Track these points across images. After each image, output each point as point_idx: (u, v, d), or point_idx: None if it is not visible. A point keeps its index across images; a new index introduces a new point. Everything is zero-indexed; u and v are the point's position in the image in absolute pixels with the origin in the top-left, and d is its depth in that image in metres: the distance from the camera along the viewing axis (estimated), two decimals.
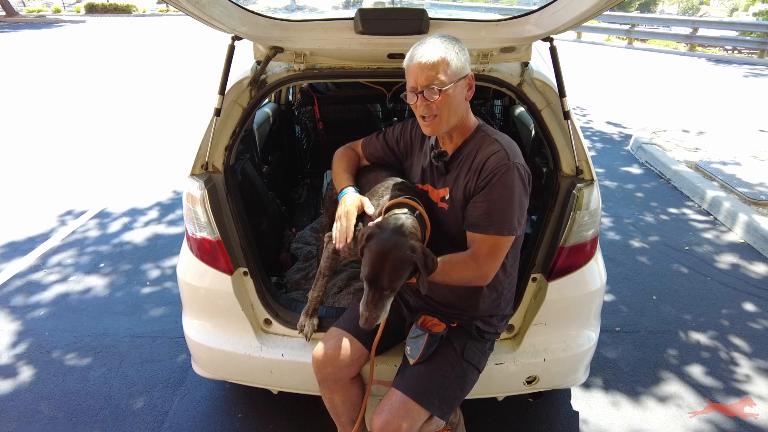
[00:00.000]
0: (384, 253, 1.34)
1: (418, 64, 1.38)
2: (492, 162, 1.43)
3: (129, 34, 17.60)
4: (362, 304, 1.38)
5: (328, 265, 1.81)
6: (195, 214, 1.81)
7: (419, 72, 1.38)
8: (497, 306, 1.66)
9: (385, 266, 1.34)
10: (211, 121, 1.86)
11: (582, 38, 17.82)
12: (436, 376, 1.55)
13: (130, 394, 2.35)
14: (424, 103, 1.40)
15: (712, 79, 11.10)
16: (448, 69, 1.38)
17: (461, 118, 1.49)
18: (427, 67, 1.37)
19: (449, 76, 1.38)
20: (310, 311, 1.89)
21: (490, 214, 1.42)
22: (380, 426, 1.47)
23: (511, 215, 1.42)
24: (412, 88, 1.42)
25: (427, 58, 1.37)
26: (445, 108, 1.41)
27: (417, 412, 1.49)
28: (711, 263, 3.54)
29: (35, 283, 3.23)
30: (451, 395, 1.55)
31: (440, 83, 1.37)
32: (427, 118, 1.43)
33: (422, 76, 1.38)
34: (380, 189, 1.64)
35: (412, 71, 1.40)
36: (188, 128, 6.61)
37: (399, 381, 1.57)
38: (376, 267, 1.35)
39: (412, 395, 1.50)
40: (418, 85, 1.40)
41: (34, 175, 5.09)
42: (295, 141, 3.78)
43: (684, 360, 2.60)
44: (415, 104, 1.43)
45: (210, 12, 1.44)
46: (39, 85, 9.30)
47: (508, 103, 3.72)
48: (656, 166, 5.38)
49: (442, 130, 1.46)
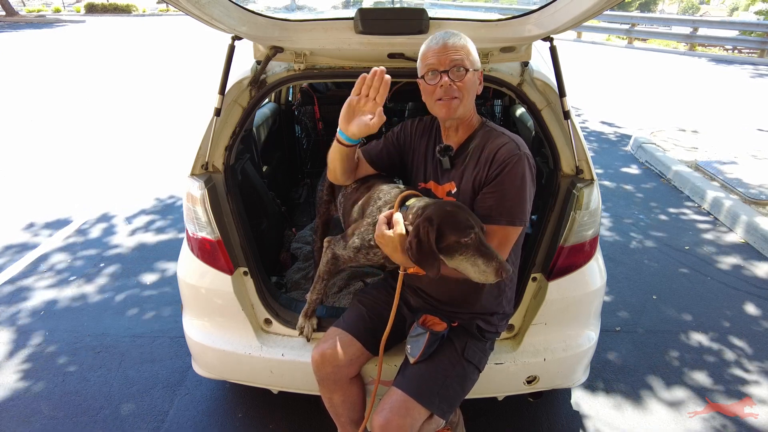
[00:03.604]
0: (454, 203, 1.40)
1: (444, 45, 1.43)
2: (503, 153, 1.45)
3: (129, 34, 17.60)
4: (485, 258, 1.29)
5: (327, 269, 1.77)
6: (195, 214, 1.81)
7: (445, 52, 1.42)
8: (498, 303, 1.67)
9: (464, 208, 1.38)
10: (211, 121, 1.86)
11: (582, 38, 17.82)
12: (437, 375, 1.55)
13: (130, 394, 2.35)
14: (447, 83, 1.43)
15: (712, 79, 11.09)
16: (470, 56, 1.45)
17: (471, 109, 1.54)
18: (454, 49, 1.43)
19: (471, 62, 1.45)
20: (308, 313, 1.89)
21: (502, 205, 1.44)
22: (380, 425, 1.47)
23: (523, 206, 1.45)
24: (433, 68, 1.44)
25: (454, 41, 1.43)
26: (465, 92, 1.45)
27: (417, 410, 1.49)
28: (711, 263, 3.54)
29: (35, 283, 3.23)
30: (451, 394, 1.55)
31: (465, 66, 1.43)
32: (444, 99, 1.45)
33: (448, 57, 1.42)
34: (375, 194, 1.64)
35: (436, 52, 1.44)
36: (188, 128, 6.61)
37: (399, 380, 1.57)
38: (464, 211, 1.35)
39: (413, 394, 1.50)
40: (442, 65, 1.43)
41: (35, 175, 5.09)
42: (295, 141, 3.78)
43: (684, 360, 2.60)
44: (436, 84, 1.45)
45: (210, 12, 1.44)
46: (39, 85, 9.31)
47: (508, 103, 3.72)
48: (656, 165, 5.38)
49: (458, 112, 1.48)
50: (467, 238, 1.28)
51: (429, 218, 1.32)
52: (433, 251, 1.30)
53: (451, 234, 1.29)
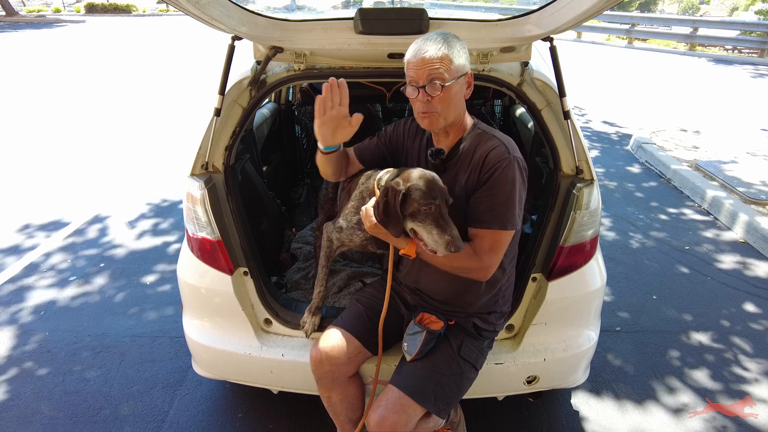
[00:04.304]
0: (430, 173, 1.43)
1: (421, 59, 1.39)
2: (493, 156, 1.44)
3: (129, 34, 17.60)
4: (440, 229, 1.36)
5: (324, 253, 1.86)
6: (195, 214, 1.81)
7: (422, 67, 1.39)
8: (495, 302, 1.67)
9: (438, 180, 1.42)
10: (211, 121, 1.86)
11: (582, 38, 17.82)
12: (433, 373, 1.55)
13: (130, 394, 2.35)
14: (425, 98, 1.41)
15: (712, 79, 11.10)
16: (451, 65, 1.40)
17: (459, 115, 1.51)
18: (430, 62, 1.38)
19: (451, 72, 1.40)
20: (313, 309, 1.90)
21: (493, 209, 1.44)
22: (376, 422, 1.49)
23: (513, 210, 1.45)
24: (413, 82, 1.43)
25: (431, 53, 1.38)
26: (446, 104, 1.43)
27: (413, 408, 1.50)
28: (711, 263, 3.54)
29: (35, 283, 3.23)
30: (447, 392, 1.56)
31: (443, 79, 1.39)
32: (426, 112, 1.44)
33: (425, 71, 1.39)
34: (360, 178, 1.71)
35: (415, 66, 1.41)
36: (188, 128, 6.61)
37: (395, 378, 1.58)
38: (435, 182, 1.40)
39: (408, 391, 1.51)
40: (420, 80, 1.41)
41: (35, 175, 5.09)
42: (295, 141, 3.78)
43: (684, 360, 2.60)
44: (416, 98, 1.44)
45: (210, 12, 1.44)
46: (39, 85, 9.30)
47: (508, 102, 3.72)
48: (656, 165, 5.38)
49: (440, 125, 1.48)
50: (427, 207, 1.36)
51: (397, 183, 1.40)
52: (397, 213, 1.38)
53: (415, 200, 1.37)
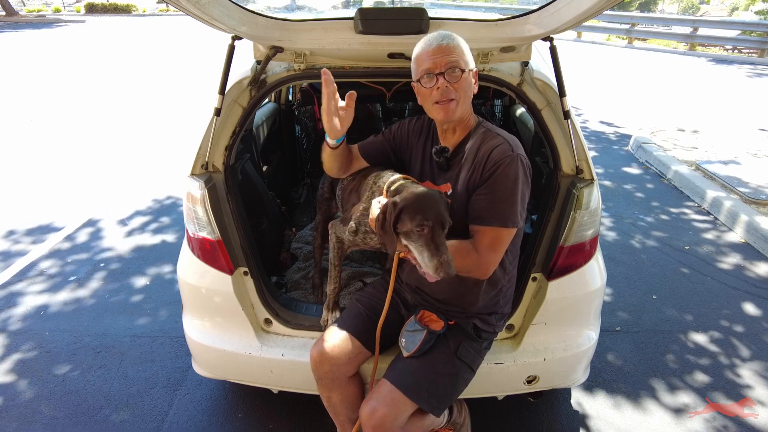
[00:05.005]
0: (431, 193, 1.41)
1: (438, 47, 1.43)
2: (496, 154, 1.45)
3: (129, 34, 17.60)
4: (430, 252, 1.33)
5: (335, 254, 1.85)
6: (195, 214, 1.81)
7: (440, 55, 1.43)
8: (496, 303, 1.67)
9: (438, 201, 1.40)
10: (211, 120, 1.86)
11: (582, 38, 17.82)
12: (427, 371, 1.56)
13: (130, 394, 2.35)
14: (444, 85, 1.43)
15: (712, 79, 11.09)
16: (464, 56, 1.45)
17: (469, 110, 1.54)
18: (448, 50, 1.42)
19: (466, 63, 1.45)
20: (330, 305, 1.90)
21: (494, 206, 1.44)
22: (367, 414, 1.51)
23: (515, 207, 1.44)
24: (429, 71, 1.44)
25: (447, 42, 1.43)
26: (462, 92, 1.45)
27: (403, 402, 1.51)
28: (711, 263, 3.54)
29: (35, 283, 3.23)
30: (441, 391, 1.57)
31: (460, 66, 1.43)
32: (442, 102, 1.45)
33: (443, 59, 1.42)
34: (370, 180, 1.69)
35: (432, 54, 1.43)
36: (188, 128, 6.61)
37: (390, 373, 1.59)
38: (431, 204, 1.38)
39: (400, 387, 1.52)
40: (438, 67, 1.43)
41: (35, 175, 5.09)
42: (295, 141, 3.78)
43: (684, 360, 2.60)
44: (433, 87, 1.45)
45: (210, 12, 1.44)
46: (39, 85, 9.31)
47: (508, 102, 3.72)
48: (656, 165, 5.38)
49: (455, 115, 1.48)
50: (420, 229, 1.36)
51: (395, 201, 1.40)
52: (391, 232, 1.40)
53: (408, 221, 1.37)
